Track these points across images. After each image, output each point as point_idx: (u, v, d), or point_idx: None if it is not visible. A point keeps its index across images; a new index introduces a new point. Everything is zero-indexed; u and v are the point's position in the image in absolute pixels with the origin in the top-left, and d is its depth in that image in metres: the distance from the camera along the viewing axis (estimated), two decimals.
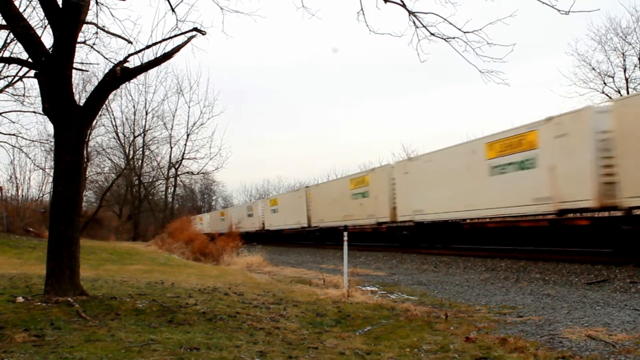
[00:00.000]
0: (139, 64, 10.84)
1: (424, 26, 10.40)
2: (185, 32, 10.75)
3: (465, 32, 9.86)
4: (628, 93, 35.34)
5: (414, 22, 10.48)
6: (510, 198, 20.79)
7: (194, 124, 53.46)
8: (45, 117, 10.68)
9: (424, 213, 26.81)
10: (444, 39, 10.24)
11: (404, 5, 10.45)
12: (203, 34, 10.72)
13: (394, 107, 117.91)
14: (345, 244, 13.51)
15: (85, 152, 48.87)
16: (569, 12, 8.79)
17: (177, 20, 11.15)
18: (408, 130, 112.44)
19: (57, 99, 10.12)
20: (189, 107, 57.80)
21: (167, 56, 10.65)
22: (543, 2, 9.03)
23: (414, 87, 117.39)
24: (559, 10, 8.96)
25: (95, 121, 43.80)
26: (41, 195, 44.41)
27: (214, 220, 64.18)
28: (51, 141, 34.14)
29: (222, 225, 57.86)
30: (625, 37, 37.17)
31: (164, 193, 56.55)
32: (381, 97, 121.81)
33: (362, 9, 10.56)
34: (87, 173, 49.20)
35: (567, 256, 18.44)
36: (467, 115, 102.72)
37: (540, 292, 13.04)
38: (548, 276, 15.73)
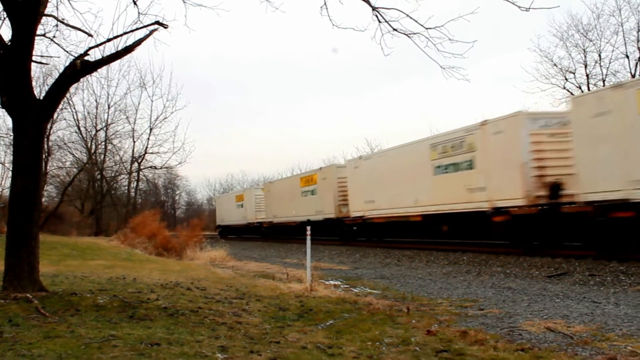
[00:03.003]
0: (100, 57, 10.69)
1: (386, 21, 10.43)
2: (147, 26, 10.62)
3: (427, 28, 9.90)
4: (589, 89, 35.85)
5: (377, 17, 10.50)
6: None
7: (157, 118, 52.61)
8: (4, 110, 10.50)
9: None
10: (406, 35, 10.28)
11: (366, 1, 10.47)
12: (165, 27, 10.62)
13: (360, 103, 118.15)
14: (308, 238, 13.53)
15: (46, 146, 48.17)
16: (529, 8, 8.87)
17: (139, 13, 11.02)
18: (373, 125, 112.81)
19: (15, 93, 9.93)
20: (152, 101, 56.68)
21: (128, 49, 10.53)
22: None
23: (379, 83, 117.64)
24: (519, 7, 9.05)
25: (56, 115, 43.26)
26: (0, 190, 43.67)
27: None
28: (10, 135, 33.55)
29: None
30: (586, 33, 37.71)
31: (126, 188, 55.77)
32: (347, 93, 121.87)
33: (325, 4, 10.56)
34: (48, 167, 48.43)
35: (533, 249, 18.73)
36: (433, 110, 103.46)
37: (501, 285, 13.19)
38: (509, 269, 15.93)
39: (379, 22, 10.45)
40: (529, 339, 7.26)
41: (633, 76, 34.75)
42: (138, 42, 10.52)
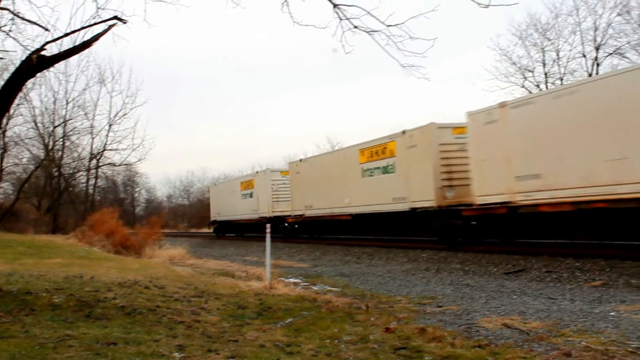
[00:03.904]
0: (57, 52, 10.51)
1: (347, 18, 10.41)
2: (106, 20, 10.46)
3: (388, 26, 9.90)
4: (547, 87, 36.35)
5: (337, 15, 10.48)
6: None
7: (117, 114, 52.05)
8: None
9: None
10: (367, 32, 10.28)
11: None
12: (124, 22, 10.47)
13: (322, 100, 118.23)
14: (268, 236, 13.48)
15: (1, 142, 47.36)
16: (488, 5, 8.94)
17: (97, 7, 10.84)
18: (336, 122, 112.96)
19: None
20: (111, 97, 55.99)
21: (86, 45, 10.37)
22: None
23: (342, 80, 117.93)
24: (479, 4, 9.11)
25: (12, 110, 42.43)
26: None
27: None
28: None
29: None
30: (545, 33, 38.25)
31: (85, 185, 55.10)
32: (310, 89, 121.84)
33: (286, 1, 10.51)
34: (4, 164, 47.68)
35: (487, 247, 18.98)
36: (395, 107, 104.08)
37: (459, 282, 13.31)
38: (468, 266, 16.07)
39: (340, 19, 10.44)
40: (486, 336, 7.35)
41: (590, 75, 35.28)
42: (96, 37, 10.36)
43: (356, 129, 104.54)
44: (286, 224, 34.58)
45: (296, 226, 33.98)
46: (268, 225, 13.83)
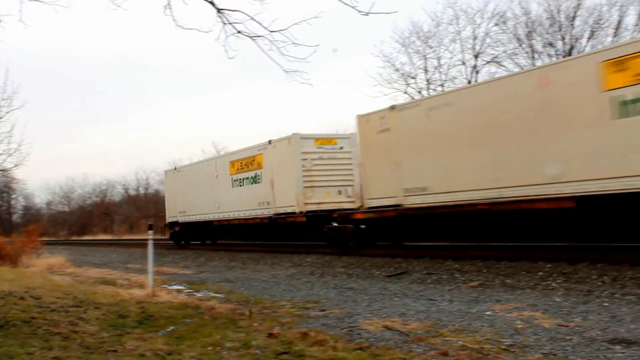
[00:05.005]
0: None
1: (230, 23, 10.34)
2: None
3: (271, 32, 9.89)
4: (429, 93, 37.31)
5: (221, 19, 10.39)
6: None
7: None
8: None
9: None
10: (250, 37, 10.24)
11: (211, 2, 10.33)
12: None
13: (209, 105, 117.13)
14: (150, 242, 13.20)
15: None
16: (368, 13, 9.06)
17: None
18: (222, 126, 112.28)
19: None
20: None
21: None
22: (344, 3, 9.25)
23: (229, 85, 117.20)
24: (359, 11, 9.23)
25: None
26: None
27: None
28: None
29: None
30: (427, 40, 39.24)
31: None
32: (198, 94, 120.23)
33: (169, 3, 10.32)
34: None
35: (374, 250, 19.29)
36: (282, 112, 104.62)
37: (343, 285, 13.45)
38: (352, 270, 16.28)
39: (224, 23, 10.35)
40: (367, 338, 7.44)
41: (469, 82, 36.48)
42: None
43: (246, 133, 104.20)
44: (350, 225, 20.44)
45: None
46: (151, 232, 13.52)
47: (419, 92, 39.25)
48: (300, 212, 23.00)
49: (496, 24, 36.84)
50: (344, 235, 20.37)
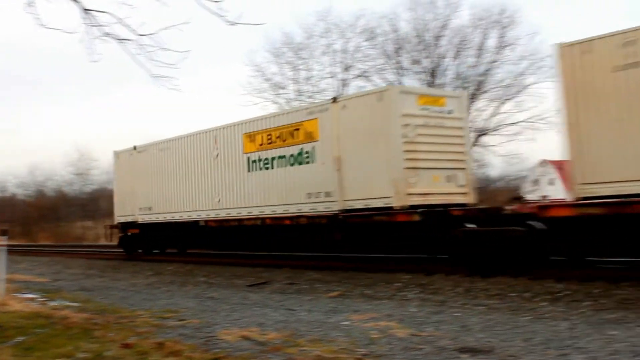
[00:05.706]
0: None
1: (98, 25, 10.03)
2: None
3: (139, 35, 9.69)
4: (299, 104, 37.43)
5: (88, 20, 10.06)
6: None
7: None
8: None
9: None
10: (117, 40, 9.98)
11: (77, 1, 9.99)
12: None
13: (76, 107, 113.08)
14: (4, 248, 12.60)
15: None
16: (235, 23, 9.06)
17: None
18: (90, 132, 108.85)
19: None
20: None
21: None
22: (212, 12, 9.20)
23: (101, 89, 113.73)
24: (227, 21, 9.20)
25: None
26: None
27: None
28: None
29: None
30: (298, 52, 39.59)
31: None
32: (70, 99, 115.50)
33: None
34: None
35: (233, 259, 19.26)
36: (155, 118, 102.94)
37: (204, 295, 13.35)
38: (213, 279, 16.20)
39: (91, 25, 10.03)
40: (224, 348, 7.40)
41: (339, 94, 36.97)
42: None
43: (114, 137, 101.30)
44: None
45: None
46: (6, 237, 12.88)
47: (288, 102, 39.50)
48: (402, 208, 15.17)
49: (366, 39, 37.91)
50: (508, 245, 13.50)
